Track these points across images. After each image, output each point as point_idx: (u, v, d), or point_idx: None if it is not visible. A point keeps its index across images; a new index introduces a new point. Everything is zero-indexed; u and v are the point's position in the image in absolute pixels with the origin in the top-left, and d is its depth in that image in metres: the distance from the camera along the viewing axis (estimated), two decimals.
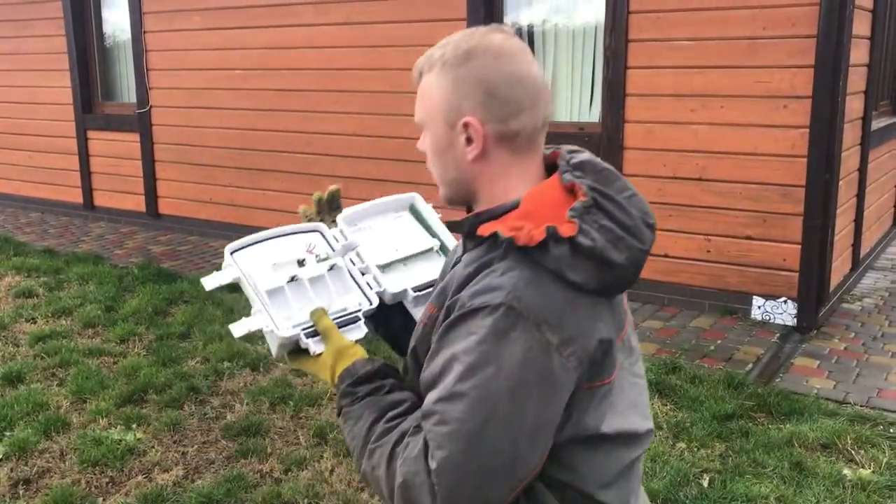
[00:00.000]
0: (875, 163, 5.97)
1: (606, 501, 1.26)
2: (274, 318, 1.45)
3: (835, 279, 5.20)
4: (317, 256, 1.57)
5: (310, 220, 1.67)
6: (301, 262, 1.55)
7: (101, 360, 4.56)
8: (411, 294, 1.55)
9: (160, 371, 4.34)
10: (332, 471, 3.40)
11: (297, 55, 6.58)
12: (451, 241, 1.64)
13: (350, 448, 1.31)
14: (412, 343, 1.33)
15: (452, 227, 1.33)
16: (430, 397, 1.18)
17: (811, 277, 4.82)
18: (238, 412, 3.93)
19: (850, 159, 5.20)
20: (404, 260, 1.63)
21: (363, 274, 1.57)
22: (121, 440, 3.63)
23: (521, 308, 1.14)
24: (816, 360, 4.48)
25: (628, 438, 1.27)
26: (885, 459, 3.39)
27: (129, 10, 7.55)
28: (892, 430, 3.66)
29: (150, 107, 7.59)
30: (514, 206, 1.23)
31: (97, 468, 3.44)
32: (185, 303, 5.47)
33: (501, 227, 1.19)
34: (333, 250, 1.59)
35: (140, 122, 7.68)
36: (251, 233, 1.58)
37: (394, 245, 1.64)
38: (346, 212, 1.66)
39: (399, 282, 1.57)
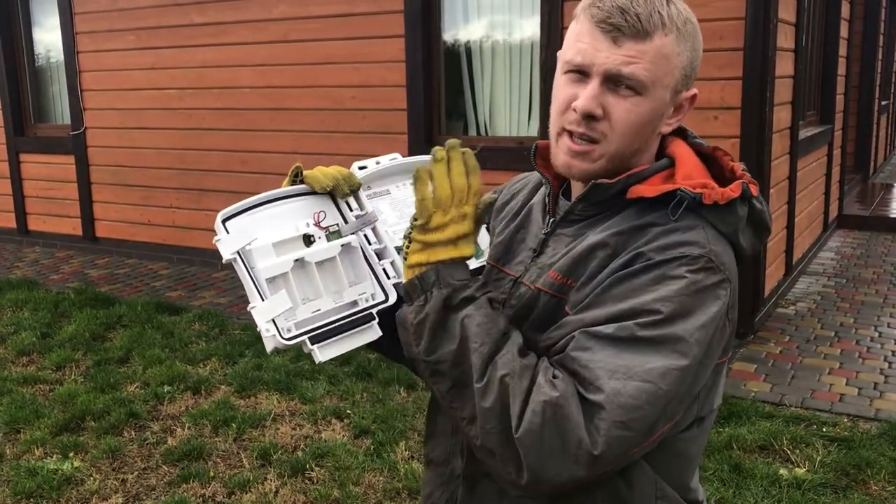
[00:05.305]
0: (804, 171, 6.16)
1: (693, 487, 1.23)
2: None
3: (769, 285, 5.34)
4: (326, 230, 1.25)
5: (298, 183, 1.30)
6: (308, 240, 1.23)
7: (35, 389, 4.43)
8: None
9: (98, 397, 4.24)
10: (276, 492, 3.36)
11: (232, 73, 6.53)
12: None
13: (446, 355, 1.08)
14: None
15: (595, 190, 1.16)
16: (601, 330, 1.05)
17: (746, 283, 4.93)
18: (179, 436, 3.86)
19: (779, 168, 5.35)
20: None
21: (379, 258, 1.25)
22: (57, 470, 3.54)
23: (717, 263, 1.08)
24: (753, 364, 4.59)
25: (714, 415, 1.23)
26: (818, 458, 3.48)
27: (60, 31, 7.41)
28: (824, 430, 3.77)
29: (85, 128, 7.44)
30: (662, 168, 1.18)
31: (31, 499, 3.34)
32: (124, 327, 5.36)
33: (683, 186, 1.12)
34: (346, 222, 1.26)
35: (75, 144, 7.52)
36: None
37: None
38: (363, 172, 1.31)
39: None
